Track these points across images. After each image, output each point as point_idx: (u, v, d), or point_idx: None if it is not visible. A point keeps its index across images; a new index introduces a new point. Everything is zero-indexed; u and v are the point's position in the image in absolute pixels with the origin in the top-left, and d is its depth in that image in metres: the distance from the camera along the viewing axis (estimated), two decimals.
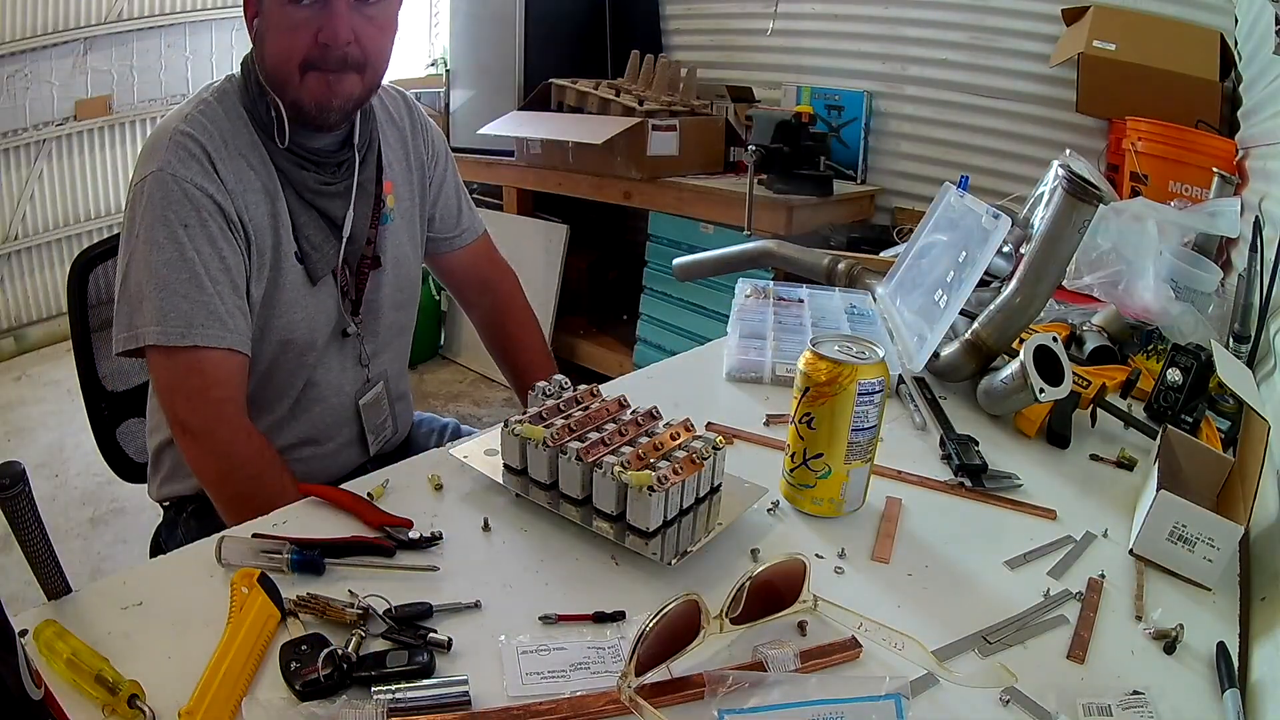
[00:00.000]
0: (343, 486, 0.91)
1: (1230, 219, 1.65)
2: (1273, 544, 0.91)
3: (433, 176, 1.36)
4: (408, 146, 1.32)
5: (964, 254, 1.21)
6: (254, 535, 0.81)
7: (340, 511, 0.87)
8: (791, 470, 0.93)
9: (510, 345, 1.50)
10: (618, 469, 0.83)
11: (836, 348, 0.89)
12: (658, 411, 0.95)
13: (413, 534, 0.83)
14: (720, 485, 0.91)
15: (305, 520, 0.86)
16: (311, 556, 0.77)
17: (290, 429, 1.24)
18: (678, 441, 0.90)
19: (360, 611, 0.71)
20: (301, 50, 1.07)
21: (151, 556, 1.35)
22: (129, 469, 1.47)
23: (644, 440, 0.89)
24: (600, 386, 1.02)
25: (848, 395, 0.86)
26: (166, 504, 1.34)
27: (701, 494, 0.89)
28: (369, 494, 0.90)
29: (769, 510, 0.93)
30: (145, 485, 1.37)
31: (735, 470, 0.93)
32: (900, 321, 1.34)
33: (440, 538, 0.83)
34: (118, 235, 1.15)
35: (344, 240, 1.19)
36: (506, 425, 0.91)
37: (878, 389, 0.88)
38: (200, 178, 1.06)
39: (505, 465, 0.93)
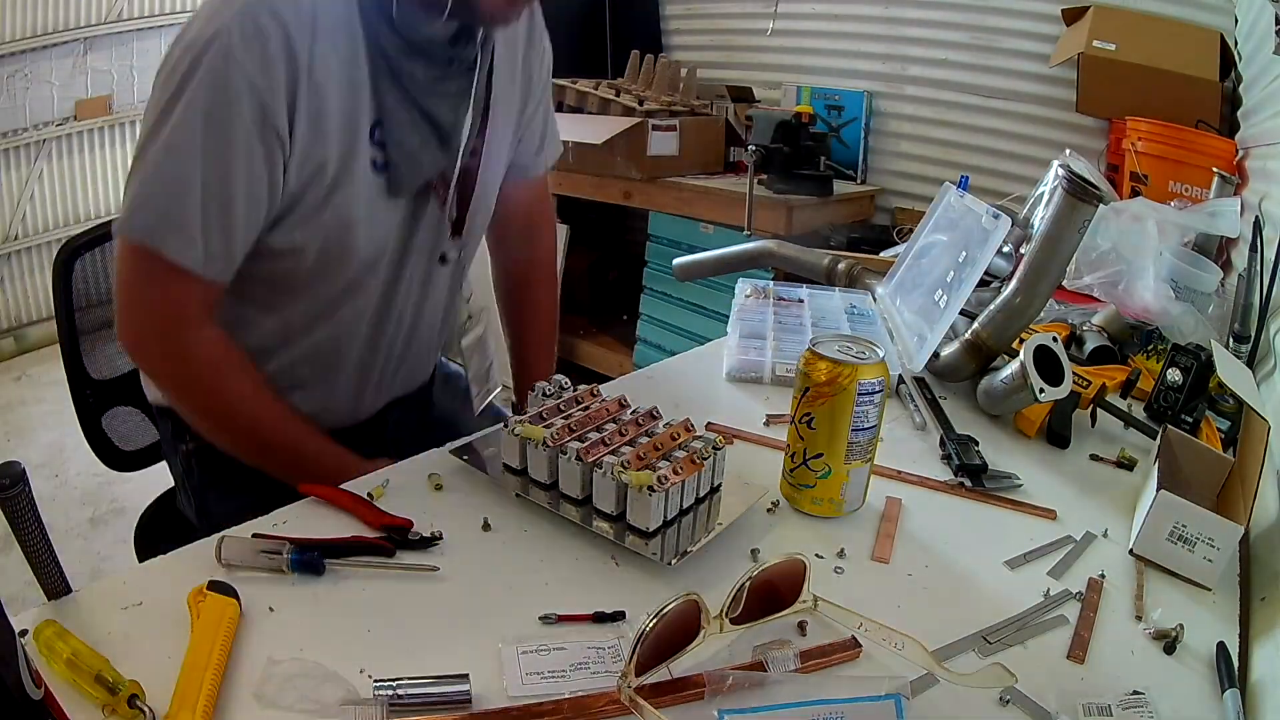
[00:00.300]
0: (342, 486, 0.91)
1: (1230, 219, 1.65)
2: (1273, 544, 0.91)
3: (533, 93, 1.23)
4: (517, 55, 1.16)
5: (964, 254, 1.21)
6: (254, 535, 0.80)
7: (340, 511, 0.87)
8: (791, 470, 0.93)
9: (520, 322, 1.39)
10: (618, 469, 0.83)
11: (836, 348, 0.89)
12: (658, 412, 0.95)
13: (412, 534, 0.83)
14: (720, 485, 0.91)
15: (305, 520, 0.85)
16: (311, 557, 0.77)
17: (300, 368, 1.10)
18: (678, 441, 0.90)
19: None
20: None
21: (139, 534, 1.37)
22: (116, 458, 1.43)
23: (644, 440, 0.89)
24: (600, 386, 1.02)
25: (848, 395, 0.86)
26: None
27: (701, 494, 0.89)
28: (369, 494, 0.90)
29: (769, 510, 0.93)
30: (134, 475, 1.38)
31: (735, 470, 0.93)
32: (900, 321, 1.34)
33: (440, 538, 0.83)
34: (105, 226, 1.08)
35: (458, 151, 1.05)
36: (506, 425, 0.91)
37: (878, 389, 0.87)
38: (258, 68, 0.88)
39: (505, 465, 0.93)
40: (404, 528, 0.83)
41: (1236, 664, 0.74)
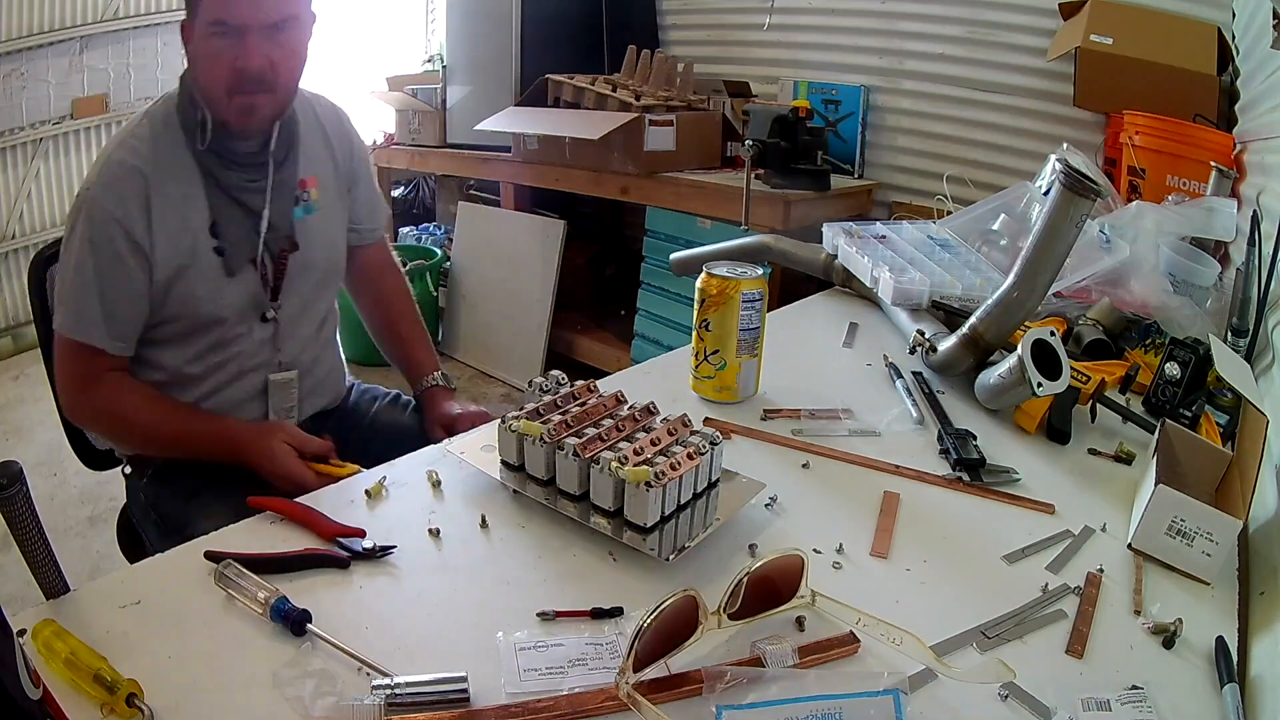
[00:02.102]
0: (340, 482, 0.91)
1: (1226, 220, 1.65)
2: (1271, 538, 0.91)
3: (357, 177, 1.53)
4: (332, 147, 1.47)
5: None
6: (206, 554, 0.78)
7: (292, 523, 0.85)
8: (696, 367, 1.16)
9: (391, 339, 1.63)
10: (615, 464, 0.83)
11: (724, 269, 1.12)
12: (655, 407, 0.95)
13: (366, 544, 0.81)
14: (718, 481, 0.91)
15: (256, 534, 0.84)
16: (295, 615, 0.71)
17: (208, 403, 1.36)
18: (675, 437, 0.90)
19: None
20: (225, 78, 1.22)
21: (119, 531, 1.48)
22: (93, 457, 1.52)
23: (641, 436, 0.89)
24: (597, 382, 1.02)
25: (734, 303, 1.10)
26: (127, 472, 1.44)
27: (699, 489, 0.89)
28: (366, 491, 0.90)
29: (766, 505, 0.93)
30: (113, 472, 1.49)
31: (732, 465, 0.93)
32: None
33: (393, 548, 0.82)
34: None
35: (263, 230, 1.32)
36: (504, 421, 0.91)
37: (758, 298, 1.11)
38: (117, 209, 1.22)
39: (503, 462, 0.93)
40: (357, 537, 0.82)
41: (1235, 658, 0.74)
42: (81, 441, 1.51)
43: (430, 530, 0.84)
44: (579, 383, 1.00)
